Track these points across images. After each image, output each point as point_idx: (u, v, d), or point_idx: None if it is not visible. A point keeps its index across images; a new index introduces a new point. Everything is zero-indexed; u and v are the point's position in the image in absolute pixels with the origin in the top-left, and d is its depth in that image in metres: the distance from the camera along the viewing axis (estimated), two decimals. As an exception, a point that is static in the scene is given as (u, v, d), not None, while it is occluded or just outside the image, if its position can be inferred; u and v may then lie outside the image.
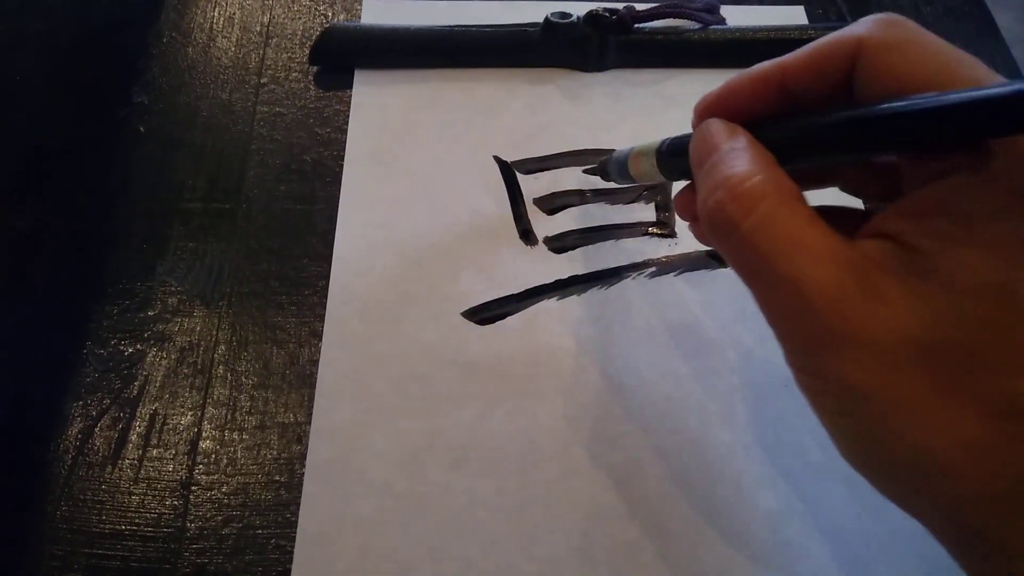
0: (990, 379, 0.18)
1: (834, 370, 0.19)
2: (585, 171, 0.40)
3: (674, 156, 0.27)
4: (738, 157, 0.21)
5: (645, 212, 0.39)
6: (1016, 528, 0.18)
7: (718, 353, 0.35)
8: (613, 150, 0.41)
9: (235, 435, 0.33)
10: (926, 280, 0.18)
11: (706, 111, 0.24)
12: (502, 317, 0.36)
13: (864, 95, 0.21)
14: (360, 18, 0.46)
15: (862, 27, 0.21)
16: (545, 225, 0.38)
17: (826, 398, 0.20)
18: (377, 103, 0.42)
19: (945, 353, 0.18)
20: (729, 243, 0.21)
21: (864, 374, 0.19)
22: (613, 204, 0.39)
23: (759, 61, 0.46)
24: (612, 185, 0.40)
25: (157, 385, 0.34)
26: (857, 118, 0.20)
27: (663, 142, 0.27)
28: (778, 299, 0.20)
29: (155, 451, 0.32)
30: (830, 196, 0.26)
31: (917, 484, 0.19)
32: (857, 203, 0.34)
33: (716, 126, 0.23)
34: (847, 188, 0.26)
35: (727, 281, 0.37)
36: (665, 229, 0.38)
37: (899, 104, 0.19)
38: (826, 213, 0.21)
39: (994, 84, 0.18)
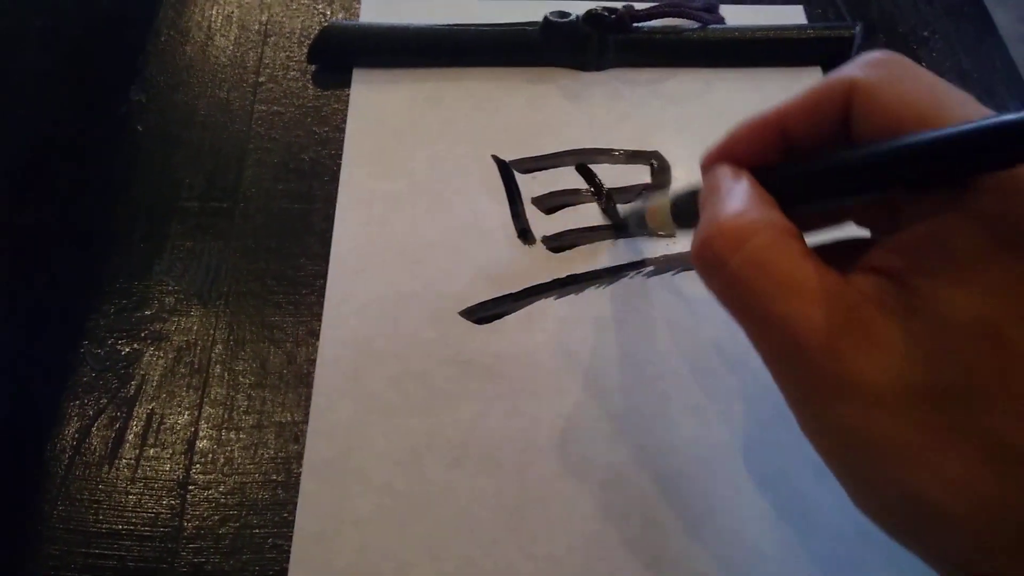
0: (984, 422, 0.17)
1: (829, 414, 0.19)
2: (607, 219, 0.39)
3: (685, 205, 0.27)
4: (734, 196, 0.21)
5: (644, 211, 0.39)
6: None
7: (716, 353, 0.35)
8: (614, 149, 0.41)
9: (232, 434, 0.33)
10: (918, 319, 0.18)
11: (712, 161, 0.24)
12: (500, 316, 0.35)
13: (860, 135, 0.21)
14: (359, 16, 0.46)
15: (855, 68, 0.21)
16: (543, 224, 0.38)
17: (824, 440, 0.20)
18: (375, 102, 0.42)
19: (938, 396, 0.17)
20: (717, 280, 0.20)
21: (858, 419, 0.18)
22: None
23: (758, 60, 0.46)
24: (611, 184, 0.40)
25: (154, 384, 0.34)
26: (847, 159, 0.20)
27: (676, 195, 0.28)
28: (769, 339, 0.20)
29: (152, 450, 0.32)
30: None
31: (920, 531, 0.18)
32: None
33: (722, 170, 0.23)
34: (859, 222, 0.26)
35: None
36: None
37: (889, 143, 0.19)
38: (827, 248, 0.21)
39: (980, 119, 0.17)
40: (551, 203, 0.39)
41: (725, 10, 0.45)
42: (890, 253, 0.20)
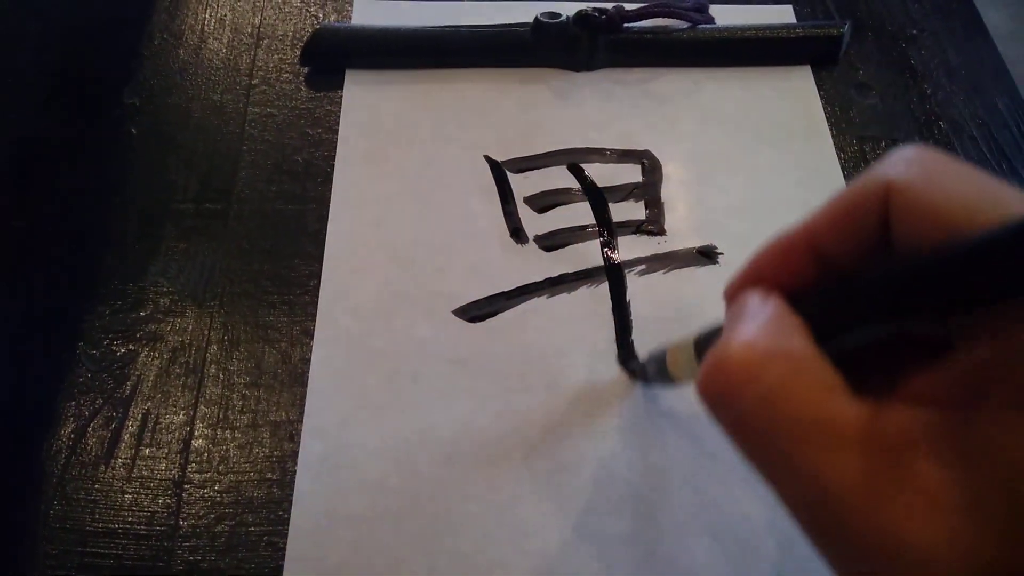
0: None
1: None
2: (624, 370, 0.35)
3: (711, 344, 0.24)
4: (750, 321, 0.18)
5: (635, 211, 0.39)
6: None
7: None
8: (605, 148, 0.41)
9: (227, 433, 0.33)
10: (980, 468, 0.15)
11: (736, 290, 0.21)
12: (493, 315, 0.36)
13: (904, 244, 0.18)
14: (351, 19, 0.46)
15: (889, 167, 0.18)
16: (536, 223, 0.39)
17: None
18: (368, 103, 0.42)
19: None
20: (727, 419, 0.17)
21: None
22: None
23: (748, 59, 0.46)
24: (603, 183, 0.40)
25: (149, 385, 0.34)
26: (888, 275, 0.17)
27: (699, 335, 0.25)
28: (793, 491, 0.17)
29: (148, 450, 0.33)
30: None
31: None
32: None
33: (751, 295, 0.19)
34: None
35: (716, 278, 0.37)
36: (655, 227, 0.39)
37: (939, 249, 0.16)
38: (855, 364, 0.17)
39: None
40: (543, 202, 0.39)
41: (715, 10, 0.46)
42: (940, 380, 0.16)
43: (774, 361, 0.17)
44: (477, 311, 0.36)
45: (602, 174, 0.40)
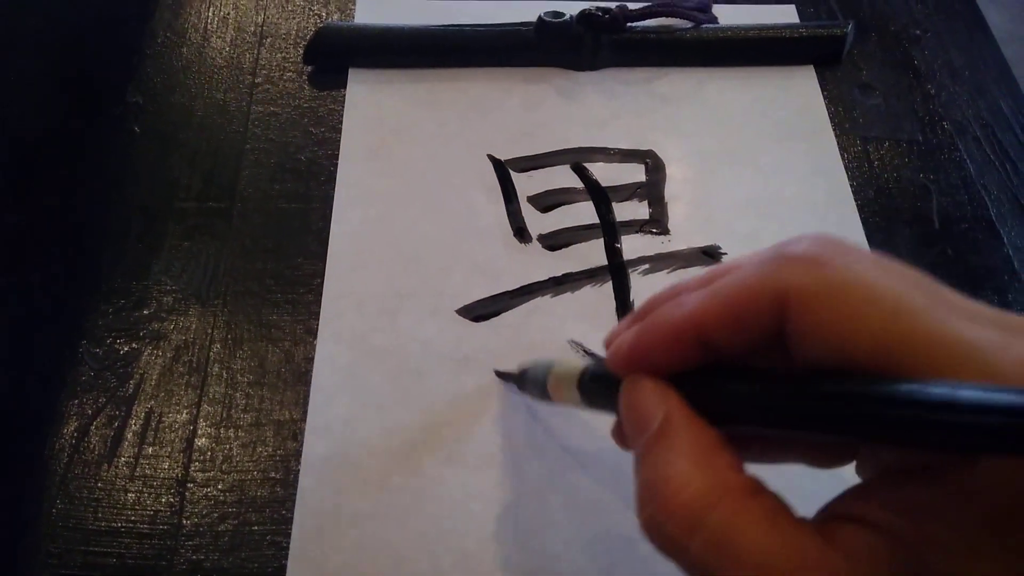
0: None
1: None
2: (498, 374, 0.34)
3: (598, 389, 0.24)
4: (671, 448, 0.18)
5: (638, 210, 0.39)
6: None
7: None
8: (608, 148, 0.41)
9: (231, 432, 0.33)
10: None
11: (621, 362, 0.20)
12: (497, 314, 0.36)
13: (801, 353, 0.17)
14: (354, 18, 0.46)
15: (784, 271, 0.17)
16: (539, 223, 0.39)
17: None
18: (371, 102, 0.42)
19: None
20: (678, 561, 0.17)
21: None
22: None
23: (751, 59, 0.45)
24: (607, 183, 0.40)
25: (153, 383, 0.34)
26: (779, 394, 0.17)
27: (584, 371, 0.24)
28: None
29: (151, 449, 0.32)
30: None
31: None
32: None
33: (645, 391, 0.19)
34: (813, 463, 0.22)
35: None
36: (658, 227, 0.39)
37: (839, 386, 0.16)
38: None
39: (977, 390, 0.14)
40: (547, 201, 0.39)
41: (718, 9, 0.45)
42: (879, 505, 0.16)
43: (713, 505, 0.17)
44: (481, 310, 0.36)
45: (606, 174, 0.40)
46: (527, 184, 0.40)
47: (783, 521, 0.17)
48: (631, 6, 0.43)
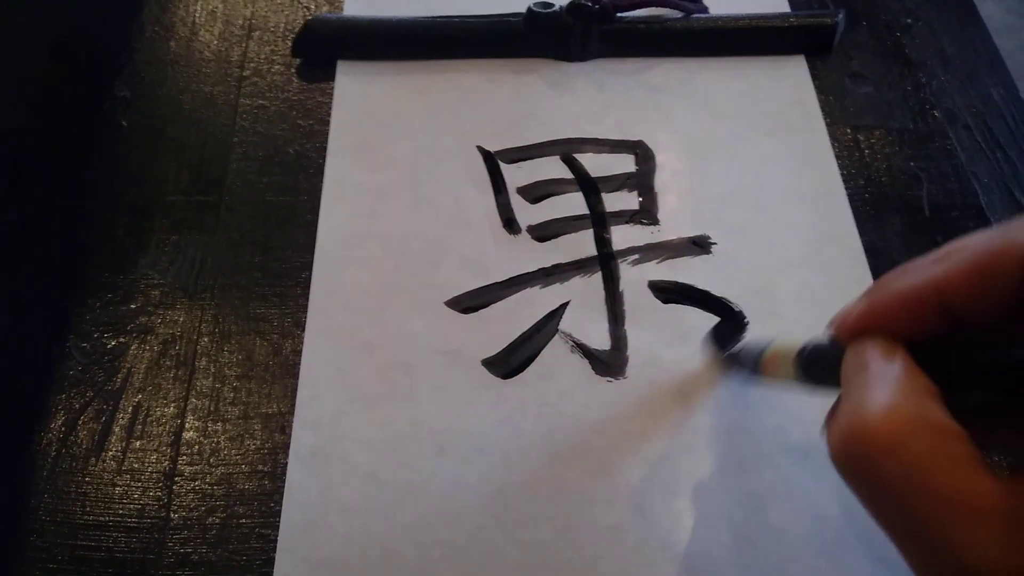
0: None
1: None
2: (714, 359, 0.34)
3: (818, 362, 0.23)
4: (885, 383, 0.17)
5: (628, 200, 0.39)
6: None
7: (699, 338, 0.35)
8: (598, 138, 0.41)
9: (218, 426, 0.33)
10: None
11: (851, 330, 0.20)
12: (486, 305, 0.36)
13: None
14: (343, 10, 0.46)
15: None
16: (528, 213, 0.38)
17: None
18: (360, 94, 0.42)
19: None
20: (864, 486, 0.17)
21: None
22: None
23: (741, 49, 0.45)
24: (596, 174, 0.40)
25: (140, 377, 0.34)
26: None
27: (804, 347, 0.24)
28: (933, 567, 0.16)
29: (138, 443, 0.32)
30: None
31: None
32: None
33: (872, 347, 0.19)
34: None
35: (708, 268, 0.37)
36: (648, 217, 0.38)
37: None
38: (984, 427, 0.17)
39: None
40: (536, 193, 0.39)
41: (708, -1, 0.45)
42: None
43: (918, 433, 0.16)
44: (470, 302, 0.36)
45: (595, 164, 0.40)
46: (516, 175, 0.40)
47: (983, 467, 0.16)
48: (620, -4, 0.43)
